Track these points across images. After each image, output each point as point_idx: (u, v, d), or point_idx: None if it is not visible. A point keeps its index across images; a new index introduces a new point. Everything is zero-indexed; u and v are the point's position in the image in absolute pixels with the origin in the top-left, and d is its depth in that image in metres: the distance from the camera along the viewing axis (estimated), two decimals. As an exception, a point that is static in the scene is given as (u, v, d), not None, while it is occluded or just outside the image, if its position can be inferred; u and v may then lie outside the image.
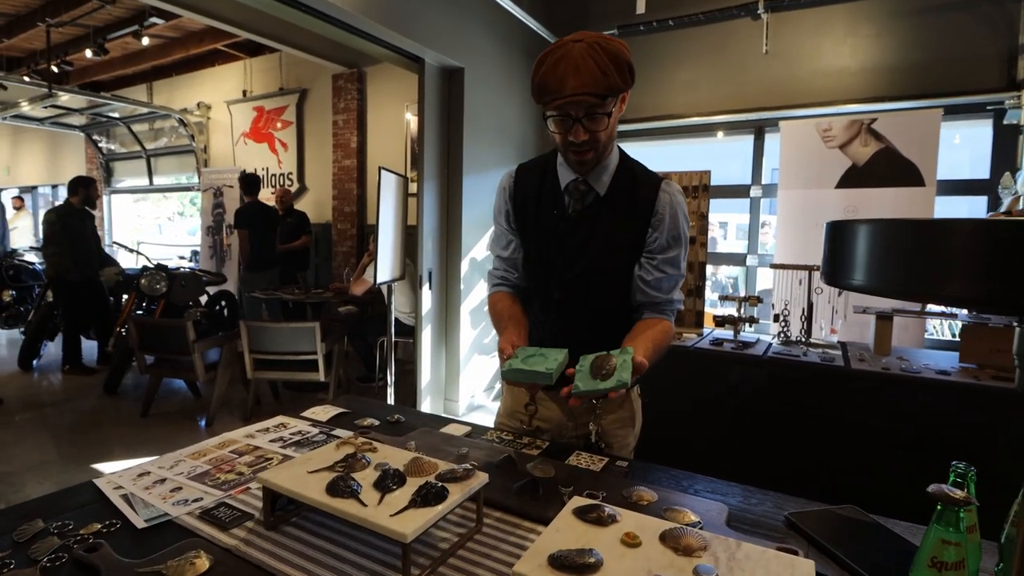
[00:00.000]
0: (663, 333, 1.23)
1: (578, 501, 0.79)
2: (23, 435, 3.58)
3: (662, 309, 1.28)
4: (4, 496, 2.77)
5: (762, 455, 2.39)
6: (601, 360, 1.04)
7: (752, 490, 1.04)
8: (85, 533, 0.87)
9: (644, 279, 1.25)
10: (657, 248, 1.24)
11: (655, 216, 1.23)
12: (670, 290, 1.27)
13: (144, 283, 4.36)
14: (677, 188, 1.26)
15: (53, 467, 3.12)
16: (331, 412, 1.43)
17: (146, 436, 3.60)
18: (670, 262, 1.24)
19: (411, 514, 0.75)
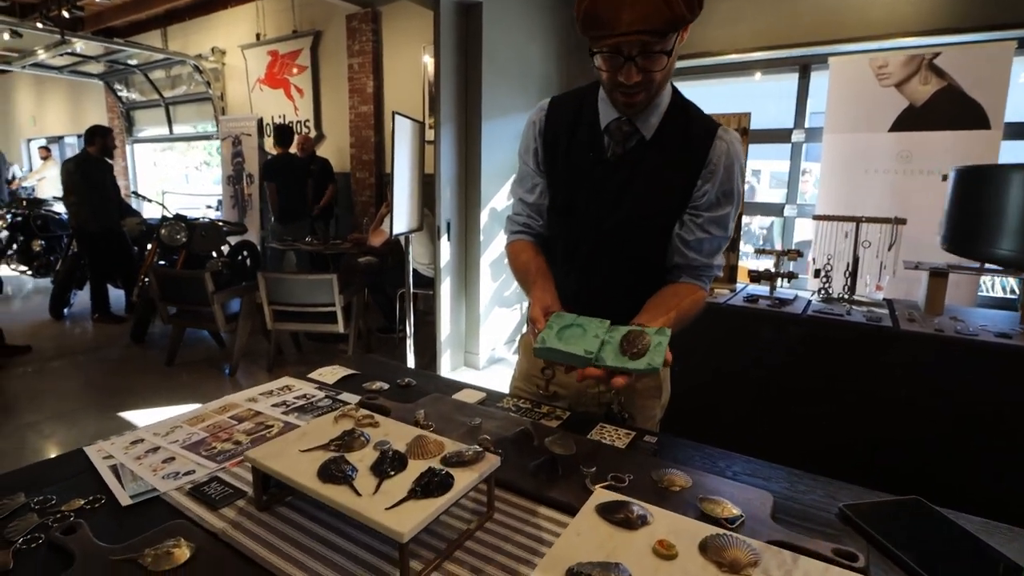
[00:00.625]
0: (694, 305, 1.10)
1: (602, 495, 0.69)
2: (54, 383, 3.66)
3: (699, 275, 1.14)
4: (32, 444, 2.84)
5: (798, 426, 2.26)
6: (634, 336, 0.91)
7: (799, 474, 0.93)
8: (67, 510, 0.80)
9: (684, 239, 1.11)
10: (704, 204, 1.08)
11: (707, 167, 1.07)
12: (712, 253, 1.12)
13: (164, 233, 4.34)
14: (736, 137, 1.09)
15: (81, 415, 3.18)
16: (339, 374, 1.35)
17: (172, 384, 3.65)
18: (717, 222, 1.09)
19: (409, 508, 0.66)
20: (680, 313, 1.05)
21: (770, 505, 0.81)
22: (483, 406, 1.17)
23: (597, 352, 0.89)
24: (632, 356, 0.87)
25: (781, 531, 0.75)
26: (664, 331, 0.91)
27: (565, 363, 0.91)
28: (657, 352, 0.87)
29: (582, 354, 0.89)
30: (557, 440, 0.98)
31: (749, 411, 2.41)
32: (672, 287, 1.13)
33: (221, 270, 4.69)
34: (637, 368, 0.86)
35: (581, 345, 0.90)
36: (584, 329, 0.95)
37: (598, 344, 0.91)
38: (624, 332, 0.93)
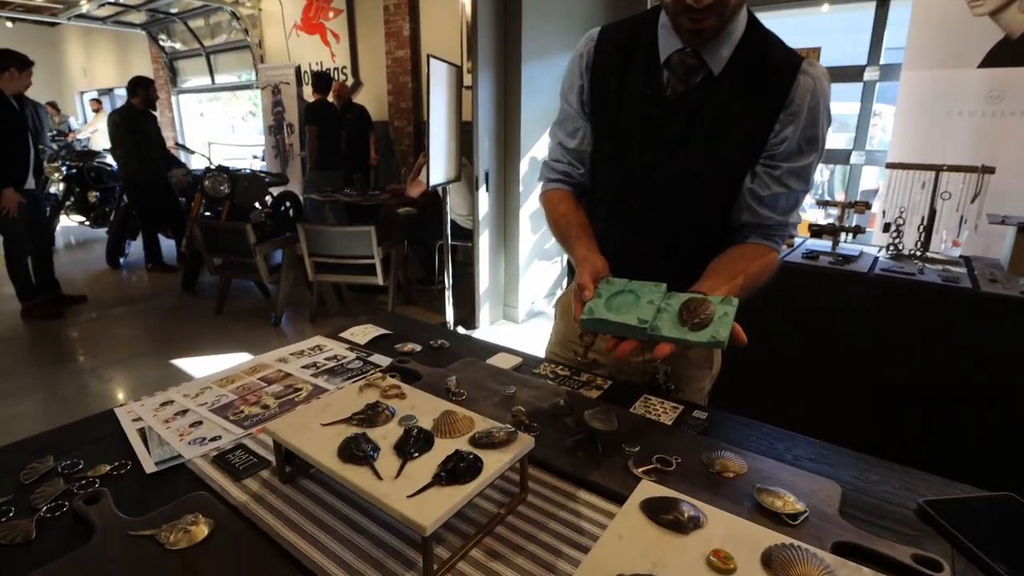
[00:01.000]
0: (764, 270, 0.97)
1: (648, 488, 0.61)
2: (112, 330, 3.83)
3: (771, 235, 1.00)
4: (91, 388, 2.99)
5: (861, 398, 2.12)
6: (695, 304, 0.80)
7: (870, 461, 0.83)
8: (92, 476, 0.79)
9: (757, 194, 0.97)
10: (783, 153, 0.94)
11: (788, 108, 0.92)
12: (788, 210, 0.98)
13: (208, 185, 4.38)
14: (823, 72, 0.93)
15: (137, 362, 3.33)
16: (371, 334, 1.31)
17: (220, 333, 3.76)
18: (797, 174, 0.95)
19: (433, 496, 0.60)
20: (748, 279, 0.93)
21: (838, 498, 0.72)
22: (518, 372, 1.10)
23: (652, 321, 0.79)
24: (693, 327, 0.77)
25: (851, 530, 0.66)
26: (731, 300, 0.80)
27: (615, 334, 0.82)
28: (723, 323, 0.77)
29: (635, 324, 0.79)
30: (597, 414, 0.90)
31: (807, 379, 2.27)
32: (739, 249, 1.00)
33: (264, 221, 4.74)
34: (699, 340, 0.76)
35: (634, 314, 0.80)
36: (637, 296, 0.84)
37: (653, 312, 0.81)
38: (684, 299, 0.82)
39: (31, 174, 3.66)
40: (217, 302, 4.10)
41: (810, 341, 2.17)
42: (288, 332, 3.82)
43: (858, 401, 2.17)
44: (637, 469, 0.76)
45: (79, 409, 2.75)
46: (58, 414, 2.72)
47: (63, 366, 3.23)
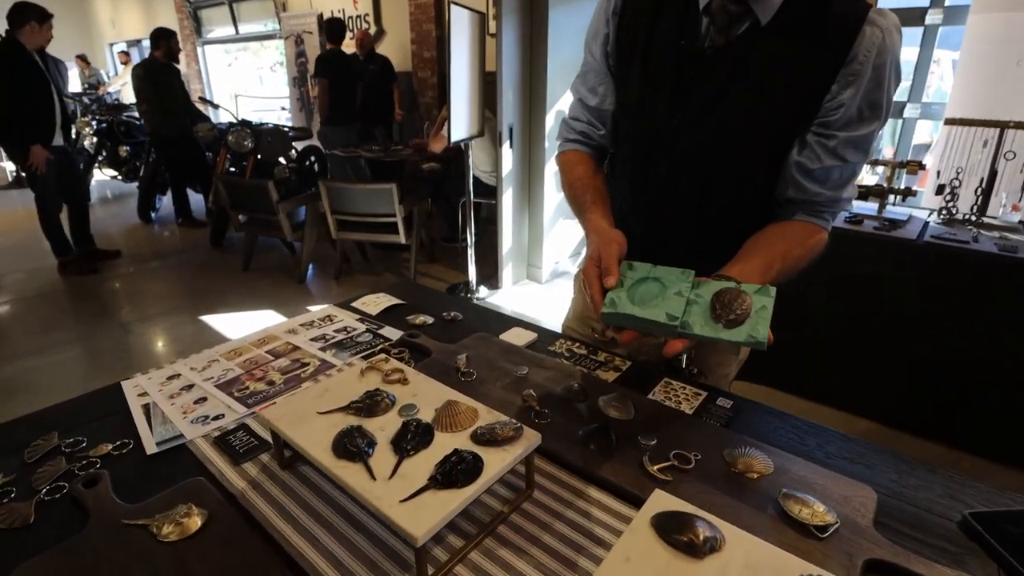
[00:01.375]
0: (808, 253, 0.87)
1: (661, 501, 0.56)
2: (144, 285, 3.92)
3: (820, 211, 0.89)
4: (123, 343, 3.07)
5: (903, 376, 2.01)
6: (729, 297, 0.71)
7: (910, 462, 0.76)
8: (94, 455, 0.78)
9: (805, 168, 0.85)
10: (840, 120, 0.81)
11: (849, 66, 0.79)
12: (841, 185, 0.87)
13: (231, 140, 4.35)
14: (895, 22, 0.79)
15: (167, 318, 3.40)
16: (383, 304, 1.27)
17: (247, 289, 3.81)
18: (855, 144, 0.82)
19: (427, 501, 0.56)
20: (787, 263, 0.83)
21: (873, 506, 0.66)
22: (532, 350, 1.05)
23: (683, 317, 0.71)
24: (728, 324, 0.69)
25: (885, 546, 0.60)
26: (767, 290, 0.71)
27: (639, 330, 0.73)
28: (761, 319, 0.68)
29: (664, 321, 0.70)
30: (613, 401, 0.85)
31: (842, 350, 2.17)
32: (781, 227, 0.89)
33: (288, 177, 4.71)
34: (735, 340, 0.68)
35: (662, 308, 0.71)
36: (663, 284, 0.75)
37: (683, 305, 0.72)
38: (716, 289, 0.72)
39: (58, 130, 3.67)
40: (244, 259, 4.14)
41: (848, 311, 2.06)
42: (313, 289, 3.85)
43: (895, 375, 2.07)
44: (653, 467, 0.71)
45: (113, 364, 2.84)
46: (93, 368, 2.81)
47: (98, 321, 3.32)
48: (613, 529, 0.65)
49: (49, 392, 2.56)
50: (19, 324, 3.30)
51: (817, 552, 0.59)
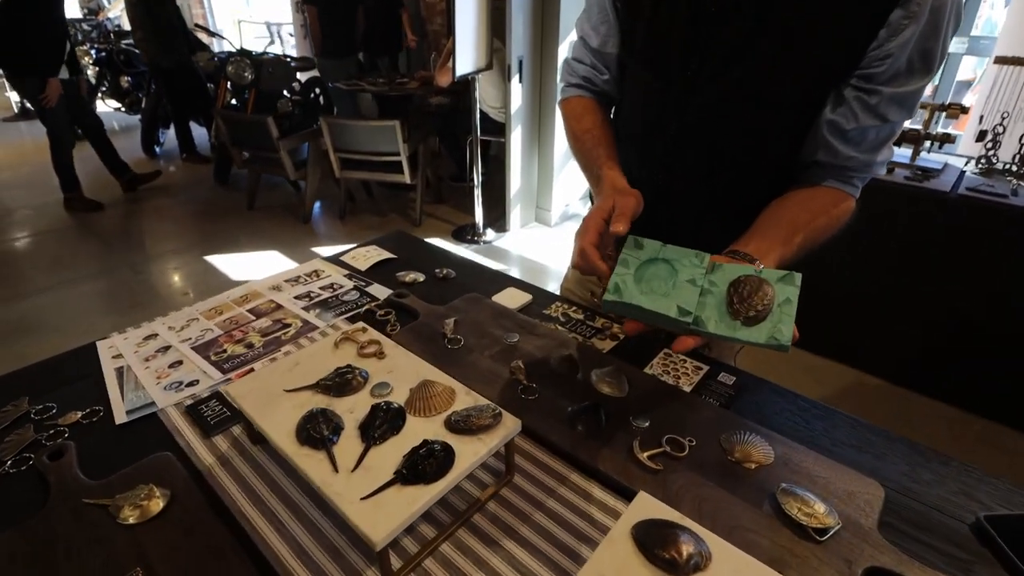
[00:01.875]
0: (833, 223, 0.77)
1: (645, 506, 0.51)
2: (149, 223, 3.89)
3: (849, 177, 0.78)
4: (130, 283, 3.06)
5: (928, 339, 1.92)
6: (749, 288, 0.62)
7: (924, 452, 0.70)
8: (62, 424, 0.75)
9: (839, 128, 0.73)
10: (886, 72, 0.68)
11: (906, 6, 0.65)
12: (876, 146, 0.75)
13: (230, 71, 4.17)
14: None
15: (172, 258, 3.38)
16: (373, 258, 1.21)
17: (252, 229, 3.76)
18: (900, 102, 0.70)
19: (391, 499, 0.52)
20: (810, 235, 0.74)
21: (879, 505, 0.61)
22: (525, 315, 0.99)
23: (696, 311, 0.62)
24: (747, 320, 0.60)
25: (888, 551, 0.55)
26: (792, 278, 0.62)
27: (645, 322, 0.65)
28: (784, 314, 0.59)
29: (675, 316, 0.62)
30: (606, 376, 0.80)
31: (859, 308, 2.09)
32: (804, 194, 0.79)
33: (292, 110, 4.55)
34: (753, 341, 0.59)
35: (672, 299, 0.63)
36: (673, 268, 0.65)
37: (696, 296, 0.63)
38: (733, 276, 0.63)
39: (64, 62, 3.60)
40: (248, 197, 4.06)
41: (866, 264, 1.96)
42: (317, 229, 3.79)
43: (910, 333, 1.99)
44: (643, 454, 0.66)
45: (120, 304, 2.85)
46: (101, 308, 2.83)
47: (105, 260, 3.32)
48: (595, 522, 0.61)
49: (59, 332, 2.58)
50: (28, 261, 3.30)
51: (813, 557, 0.55)
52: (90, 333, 2.54)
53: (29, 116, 7.21)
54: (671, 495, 0.62)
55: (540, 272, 3.23)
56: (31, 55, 3.41)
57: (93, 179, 4.65)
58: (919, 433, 1.95)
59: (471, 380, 0.80)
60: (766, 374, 0.85)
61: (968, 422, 1.97)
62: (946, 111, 1.87)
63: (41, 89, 3.50)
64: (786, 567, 0.54)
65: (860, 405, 2.10)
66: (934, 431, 1.96)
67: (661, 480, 0.64)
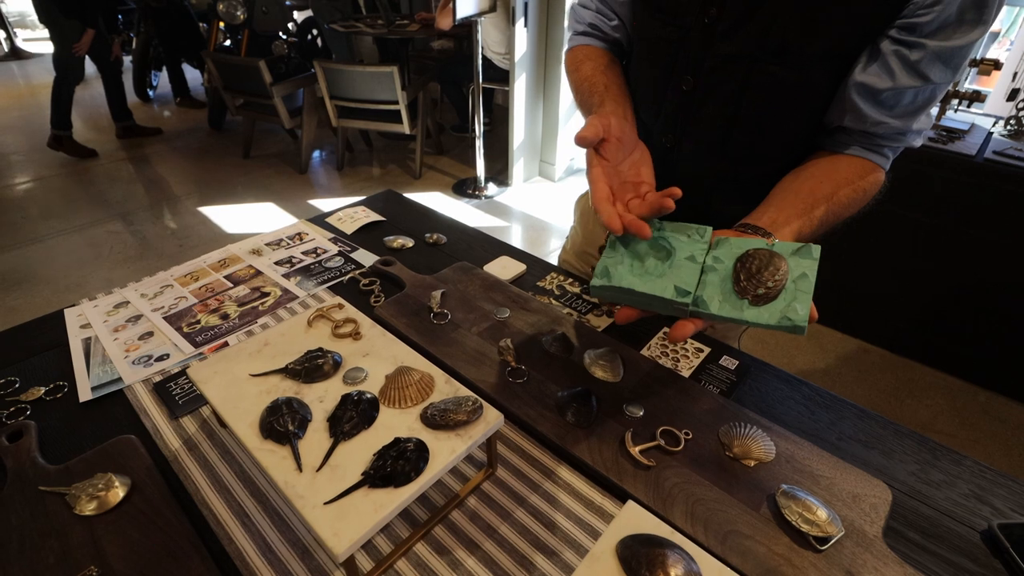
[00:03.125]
0: (860, 196, 0.69)
1: (632, 518, 0.47)
2: (142, 170, 3.78)
3: (878, 146, 0.70)
4: (123, 234, 3.00)
5: (925, 306, 1.86)
6: (758, 262, 0.54)
7: (934, 449, 0.66)
8: (25, 400, 0.71)
9: (870, 88, 0.64)
10: (934, 21, 0.59)
11: None
12: (913, 112, 0.66)
13: (222, 10, 3.96)
14: None
15: (167, 208, 3.30)
16: (360, 220, 1.14)
17: (248, 179, 3.67)
18: (946, 58, 0.61)
19: (357, 504, 0.48)
20: (833, 209, 0.66)
21: (885, 509, 0.57)
22: (518, 286, 0.93)
23: (696, 291, 0.56)
24: (756, 300, 0.53)
25: (892, 563, 0.52)
26: (809, 251, 0.55)
27: (640, 307, 0.58)
28: (800, 292, 0.52)
29: (671, 297, 0.55)
30: (600, 359, 0.75)
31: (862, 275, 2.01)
32: (826, 162, 0.71)
33: (288, 53, 4.35)
34: (764, 322, 0.52)
35: (669, 280, 0.56)
36: (671, 245, 0.59)
37: (697, 275, 0.57)
38: (740, 251, 0.57)
39: None
40: (244, 145, 3.94)
41: (874, 231, 1.88)
42: (315, 180, 3.68)
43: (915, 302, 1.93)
44: (635, 448, 0.62)
45: (113, 256, 2.80)
46: (93, 260, 2.78)
47: (97, 209, 3.25)
48: (581, 521, 0.57)
49: (50, 285, 2.54)
50: (19, 210, 3.24)
51: (812, 568, 0.51)
52: (83, 286, 2.54)
53: (20, 56, 6.98)
54: (663, 494, 0.58)
55: (542, 230, 3.15)
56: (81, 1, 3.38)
57: (90, 122, 4.52)
58: (924, 405, 1.92)
59: (456, 360, 0.75)
60: (766, 341, 0.79)
61: (972, 393, 1.94)
62: (978, 66, 1.74)
63: (77, 37, 3.46)
64: (782, 578, 0.50)
65: (862, 376, 2.06)
66: (937, 403, 1.93)
67: (653, 477, 0.60)
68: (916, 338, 2.00)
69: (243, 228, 3.08)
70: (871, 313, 2.09)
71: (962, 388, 1.95)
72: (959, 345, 1.91)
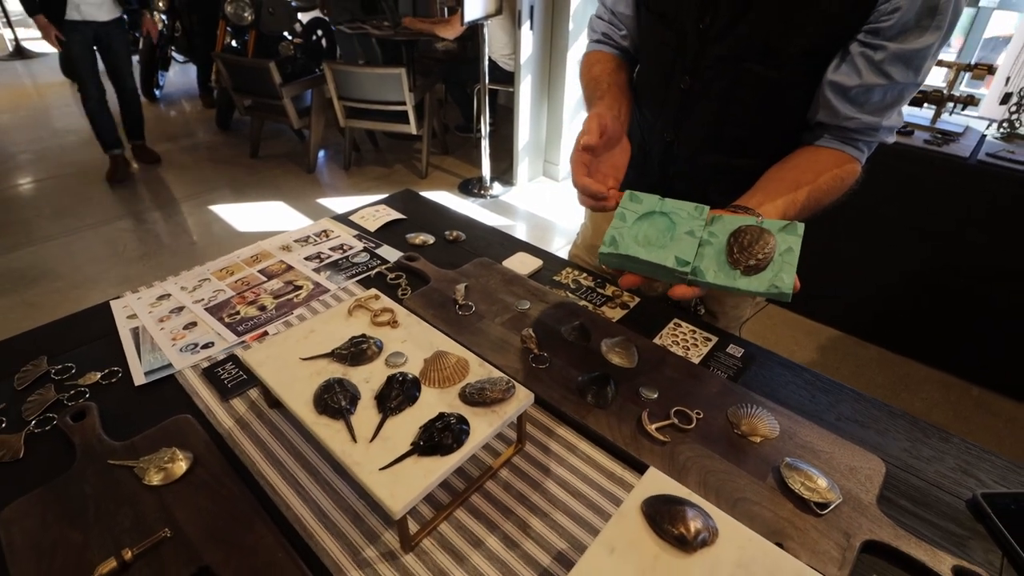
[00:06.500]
0: (837, 184, 0.76)
1: (654, 481, 0.52)
2: (152, 170, 3.83)
3: (852, 139, 0.78)
4: (135, 232, 3.05)
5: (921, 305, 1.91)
6: (749, 236, 0.62)
7: (925, 428, 0.72)
8: (82, 384, 0.77)
9: (840, 86, 0.73)
10: (895, 26, 0.67)
11: None
12: (882, 109, 0.74)
13: (229, 11, 4.01)
14: None
15: (178, 206, 3.36)
16: (382, 219, 1.20)
17: (256, 179, 3.72)
18: (905, 60, 0.69)
19: (409, 469, 0.54)
20: (813, 195, 0.74)
21: (879, 480, 0.63)
22: (536, 281, 0.99)
23: (694, 262, 0.63)
24: (747, 270, 0.60)
25: (886, 526, 0.58)
26: (795, 228, 0.62)
27: (643, 274, 0.66)
28: (786, 263, 0.60)
29: (672, 266, 0.63)
30: (616, 347, 0.81)
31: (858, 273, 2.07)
32: (806, 153, 0.79)
33: (294, 54, 4.40)
34: (753, 291, 0.60)
35: (670, 251, 0.64)
36: (671, 221, 0.66)
37: (695, 248, 0.64)
38: (733, 227, 0.64)
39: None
40: (251, 145, 3.99)
41: (872, 229, 1.94)
42: (322, 180, 3.74)
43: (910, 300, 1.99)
44: (651, 426, 0.68)
45: (128, 253, 2.85)
46: (108, 258, 2.83)
47: (110, 208, 3.30)
48: (604, 491, 0.63)
49: (67, 281, 2.60)
50: (33, 209, 3.29)
51: (814, 530, 0.57)
52: (100, 283, 2.59)
53: (24, 56, 7.02)
54: (678, 467, 0.63)
55: (547, 229, 3.20)
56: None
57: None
58: (919, 398, 1.98)
59: (483, 348, 0.81)
60: (766, 337, 0.86)
61: (965, 388, 2.00)
62: (972, 71, 1.80)
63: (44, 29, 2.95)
64: (787, 539, 0.56)
65: (859, 372, 2.12)
66: (931, 396, 2.00)
67: (668, 452, 0.65)
68: (911, 335, 2.06)
69: (254, 227, 3.13)
70: (867, 311, 2.15)
71: (956, 383, 2.01)
72: (954, 342, 1.97)
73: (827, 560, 0.54)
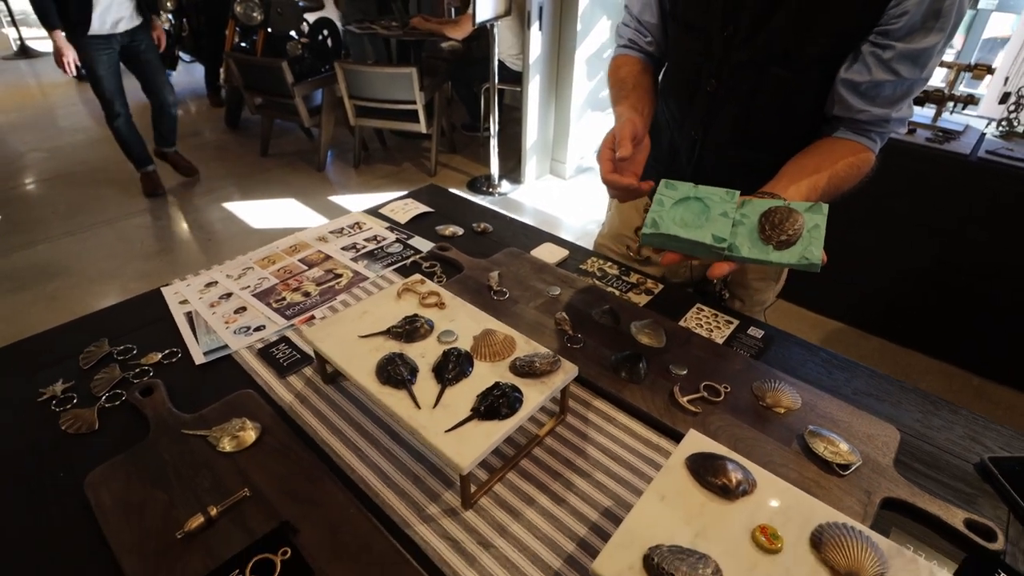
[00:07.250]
0: (853, 171, 0.82)
1: (695, 441, 0.58)
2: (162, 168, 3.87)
3: (865, 130, 0.83)
4: (150, 228, 3.10)
5: (926, 299, 1.97)
6: (779, 216, 0.68)
7: (935, 402, 0.77)
8: (145, 364, 0.82)
9: (852, 83, 0.79)
10: (902, 28, 0.73)
11: None
12: (892, 101, 0.80)
13: (239, 11, 4.05)
14: None
15: (190, 203, 3.40)
16: (411, 211, 1.25)
17: (266, 176, 3.76)
18: (912, 58, 0.75)
19: (471, 432, 0.59)
20: (832, 181, 0.80)
21: (895, 446, 0.68)
22: (564, 269, 1.05)
23: (729, 240, 0.69)
24: (779, 245, 0.67)
25: (903, 485, 0.63)
26: (820, 208, 0.68)
27: (682, 252, 0.72)
28: (814, 239, 0.66)
29: (710, 243, 0.68)
30: (645, 328, 0.86)
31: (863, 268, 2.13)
32: (824, 144, 0.85)
33: (301, 53, 4.45)
34: (786, 262, 0.66)
35: (707, 229, 0.69)
36: (706, 205, 0.72)
37: (729, 226, 0.69)
38: (763, 208, 0.70)
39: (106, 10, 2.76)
40: (261, 143, 4.04)
41: (877, 224, 2.00)
42: (332, 178, 3.79)
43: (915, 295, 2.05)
44: (683, 398, 0.73)
45: (145, 249, 2.90)
46: (125, 253, 2.88)
47: (122, 204, 3.34)
48: (642, 455, 0.68)
49: (86, 276, 2.64)
50: (48, 206, 3.33)
51: (837, 489, 0.63)
52: (119, 277, 2.64)
53: (29, 55, 7.05)
54: (710, 434, 0.68)
55: (555, 226, 3.26)
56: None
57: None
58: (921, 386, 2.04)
59: (520, 330, 0.85)
60: (783, 329, 0.91)
61: (967, 378, 2.06)
62: (971, 71, 1.86)
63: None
64: (813, 496, 0.61)
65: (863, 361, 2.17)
66: (933, 384, 2.05)
67: (700, 421, 0.71)
68: (914, 328, 2.12)
69: (267, 223, 3.18)
70: (875, 304, 2.20)
71: (957, 373, 2.07)
72: (955, 334, 2.03)
73: (851, 514, 0.59)
